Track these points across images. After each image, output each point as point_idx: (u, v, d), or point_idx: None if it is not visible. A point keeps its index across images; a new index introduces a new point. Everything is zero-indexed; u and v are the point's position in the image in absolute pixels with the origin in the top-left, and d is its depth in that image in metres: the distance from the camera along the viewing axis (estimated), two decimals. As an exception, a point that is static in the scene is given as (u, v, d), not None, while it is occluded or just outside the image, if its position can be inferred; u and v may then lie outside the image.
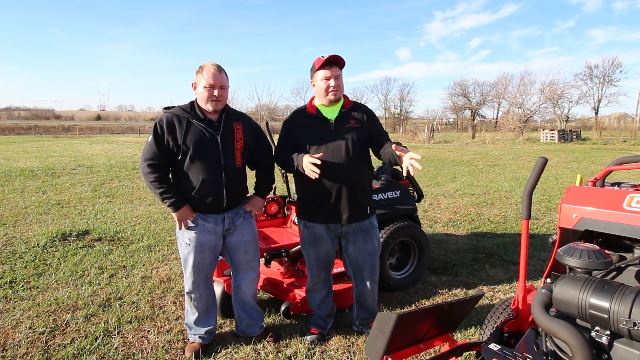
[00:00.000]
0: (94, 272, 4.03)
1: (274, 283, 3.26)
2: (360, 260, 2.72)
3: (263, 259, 3.08)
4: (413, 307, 3.37)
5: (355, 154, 2.55)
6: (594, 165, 14.02)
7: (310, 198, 2.65)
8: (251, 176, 2.73)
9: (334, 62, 2.57)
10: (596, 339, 1.60)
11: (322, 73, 2.56)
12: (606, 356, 1.57)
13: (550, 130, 32.63)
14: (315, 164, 2.32)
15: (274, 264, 3.36)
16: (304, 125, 2.64)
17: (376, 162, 4.11)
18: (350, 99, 2.73)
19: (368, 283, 2.77)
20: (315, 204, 2.63)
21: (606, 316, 1.52)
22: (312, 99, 2.72)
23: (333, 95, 2.56)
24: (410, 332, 1.91)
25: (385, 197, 3.59)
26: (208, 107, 2.47)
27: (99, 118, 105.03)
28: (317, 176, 2.32)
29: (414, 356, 2.42)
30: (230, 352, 2.67)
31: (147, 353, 2.65)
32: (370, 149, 2.69)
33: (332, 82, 2.53)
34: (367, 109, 2.72)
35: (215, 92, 2.43)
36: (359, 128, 2.60)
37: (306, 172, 2.37)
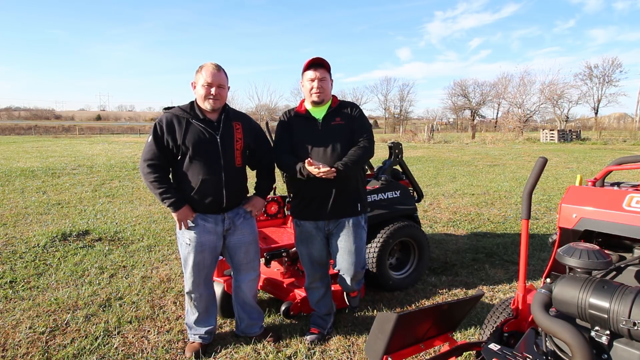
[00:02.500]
0: (94, 272, 4.03)
1: (274, 283, 3.26)
2: (345, 256, 2.69)
3: (263, 259, 3.08)
4: (413, 307, 3.37)
5: (343, 151, 2.59)
6: (594, 165, 14.03)
7: (300, 197, 2.69)
8: (252, 176, 2.73)
9: (320, 65, 2.62)
10: (596, 339, 1.60)
11: (308, 74, 2.62)
12: (606, 356, 1.57)
13: (550, 130, 32.64)
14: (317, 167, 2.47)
15: (274, 264, 3.36)
16: (295, 126, 2.69)
17: (376, 162, 4.12)
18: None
19: (351, 281, 2.75)
20: (305, 202, 2.67)
21: (606, 316, 1.52)
22: (303, 100, 2.76)
23: (316, 97, 2.61)
24: (410, 332, 1.92)
25: (385, 197, 3.60)
26: (205, 106, 2.47)
27: (99, 118, 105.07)
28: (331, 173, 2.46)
29: (414, 356, 2.42)
30: (230, 352, 2.67)
31: (147, 353, 2.65)
32: None
33: (315, 84, 2.59)
34: (355, 106, 2.75)
35: (213, 91, 2.43)
36: (345, 125, 2.64)
37: (324, 177, 2.48)
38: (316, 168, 2.45)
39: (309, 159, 2.50)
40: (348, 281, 2.77)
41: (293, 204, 2.77)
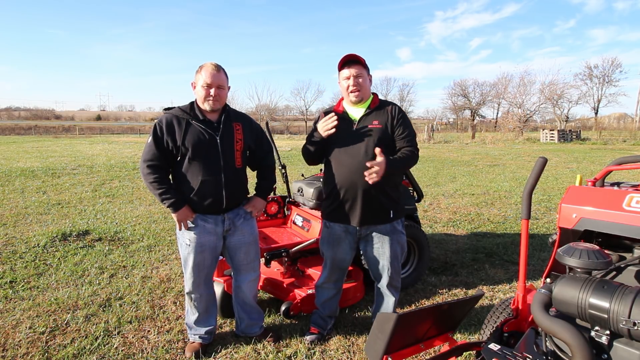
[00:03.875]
0: (94, 272, 4.03)
1: (274, 283, 3.26)
2: (379, 264, 2.64)
3: (263, 259, 3.08)
4: (413, 307, 3.37)
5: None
6: (594, 165, 14.03)
7: (332, 198, 2.59)
8: (252, 177, 2.73)
9: (355, 61, 2.51)
10: (596, 339, 1.60)
11: (344, 73, 2.52)
12: (606, 356, 1.57)
13: (550, 130, 32.64)
14: (330, 128, 2.47)
15: (274, 264, 3.37)
16: None
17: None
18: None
19: (387, 288, 2.69)
20: (336, 204, 2.58)
21: (606, 316, 1.52)
22: (341, 99, 2.67)
23: (354, 96, 2.51)
24: (410, 332, 1.91)
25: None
26: (205, 107, 2.47)
27: (99, 118, 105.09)
28: (335, 124, 2.46)
29: (414, 356, 2.42)
30: (230, 352, 2.67)
31: (147, 353, 2.65)
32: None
33: (351, 82, 2.49)
34: (395, 108, 2.57)
35: (212, 92, 2.43)
36: (382, 129, 2.50)
37: (325, 133, 2.48)
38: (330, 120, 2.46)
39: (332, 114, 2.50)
40: (388, 292, 2.69)
41: (325, 204, 2.69)
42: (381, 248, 2.61)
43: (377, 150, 2.37)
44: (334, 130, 2.47)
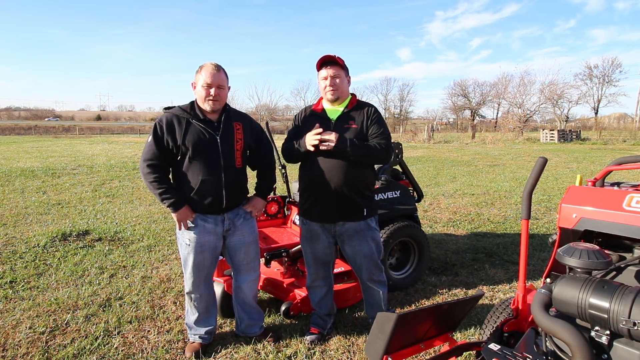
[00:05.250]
0: (94, 272, 4.03)
1: (274, 283, 3.26)
2: (357, 260, 2.71)
3: (263, 259, 3.08)
4: (413, 307, 3.37)
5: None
6: (594, 165, 14.03)
7: (307, 195, 2.67)
8: (252, 176, 2.73)
9: (332, 62, 2.58)
10: (596, 339, 1.60)
11: (321, 73, 2.60)
12: (606, 356, 1.57)
13: (550, 130, 32.65)
14: (317, 142, 2.48)
15: (274, 264, 3.37)
16: (308, 123, 2.65)
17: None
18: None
19: (369, 282, 2.77)
20: (310, 201, 2.65)
21: (606, 316, 1.52)
22: (321, 98, 2.73)
23: (330, 95, 2.58)
24: (410, 332, 1.92)
25: (385, 197, 3.60)
26: (205, 107, 2.47)
27: (99, 118, 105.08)
28: (317, 142, 2.46)
29: (414, 356, 2.42)
30: (230, 352, 2.67)
31: (147, 353, 2.65)
32: None
33: (328, 82, 2.56)
34: (371, 108, 2.65)
35: (212, 92, 2.43)
36: (358, 129, 2.57)
37: (309, 146, 2.49)
38: (316, 135, 2.46)
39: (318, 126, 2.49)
40: (371, 286, 2.75)
41: (300, 201, 2.76)
42: (358, 245, 2.66)
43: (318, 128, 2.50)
44: (316, 143, 2.48)
